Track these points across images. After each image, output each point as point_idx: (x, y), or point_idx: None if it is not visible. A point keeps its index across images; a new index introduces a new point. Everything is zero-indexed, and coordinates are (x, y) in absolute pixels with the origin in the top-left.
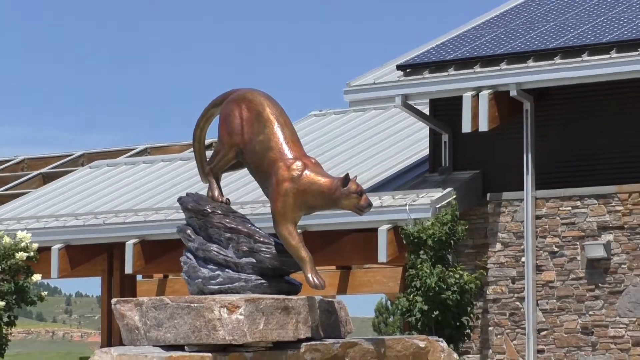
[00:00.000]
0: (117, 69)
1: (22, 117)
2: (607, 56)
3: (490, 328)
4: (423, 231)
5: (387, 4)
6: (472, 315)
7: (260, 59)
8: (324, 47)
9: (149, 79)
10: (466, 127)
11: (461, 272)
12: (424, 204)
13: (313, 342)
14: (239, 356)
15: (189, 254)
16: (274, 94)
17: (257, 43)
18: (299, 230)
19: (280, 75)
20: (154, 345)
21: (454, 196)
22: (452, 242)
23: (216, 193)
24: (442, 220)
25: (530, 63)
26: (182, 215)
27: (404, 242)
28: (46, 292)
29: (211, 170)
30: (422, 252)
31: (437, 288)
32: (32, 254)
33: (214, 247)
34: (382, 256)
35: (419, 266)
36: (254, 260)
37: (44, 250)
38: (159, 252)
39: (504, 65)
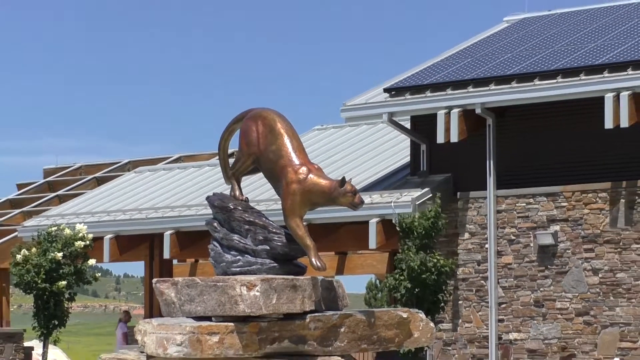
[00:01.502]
0: (158, 90)
1: (79, 131)
2: (554, 81)
3: (460, 302)
4: (409, 224)
5: (375, 36)
6: (445, 292)
7: (273, 82)
8: (324, 73)
9: (182, 99)
10: (440, 139)
11: (439, 257)
12: (406, 201)
13: (316, 314)
14: (256, 325)
15: (215, 243)
16: (283, 111)
17: (271, 68)
18: (304, 223)
19: (288, 95)
20: (187, 317)
21: (439, 194)
22: (433, 233)
23: (237, 193)
24: (427, 215)
25: (492, 87)
26: (209, 211)
27: (397, 229)
28: (99, 274)
29: (233, 175)
30: (408, 240)
31: (419, 270)
32: (88, 242)
33: (235, 236)
34: (372, 244)
35: (405, 253)
36: (268, 248)
37: (98, 240)
38: (191, 241)
39: (470, 89)
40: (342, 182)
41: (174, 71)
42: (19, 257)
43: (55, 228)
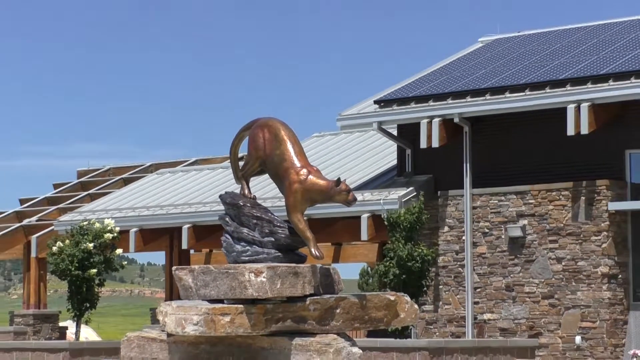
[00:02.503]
0: (177, 101)
1: (108, 137)
2: (523, 94)
3: (440, 287)
4: (396, 218)
5: (366, 53)
6: (428, 278)
7: (278, 93)
8: (322, 86)
9: (197, 108)
10: (423, 144)
11: (423, 248)
12: (393, 198)
13: (315, 297)
14: (263, 307)
15: (227, 235)
16: (286, 119)
17: (277, 81)
18: (305, 218)
19: (290, 106)
20: (202, 299)
21: (422, 193)
22: (417, 226)
23: (246, 191)
24: (412, 210)
25: (468, 99)
26: (222, 207)
27: (385, 224)
28: (126, 262)
29: (242, 176)
30: (396, 232)
31: (406, 259)
32: (115, 235)
33: (244, 230)
34: (364, 236)
35: (393, 243)
36: (273, 239)
37: (124, 232)
38: (206, 234)
39: (449, 101)
40: (338, 182)
41: (190, 84)
42: (55, 248)
43: (87, 222)
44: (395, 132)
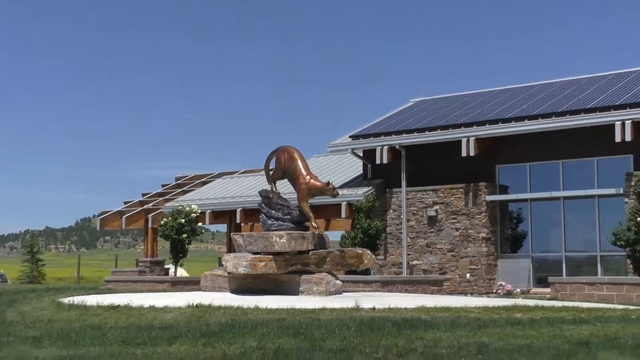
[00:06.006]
0: (233, 133)
1: (194, 156)
2: (436, 132)
3: (388, 245)
4: (361, 205)
5: (343, 103)
6: (380, 239)
7: (289, 129)
8: (319, 124)
9: (244, 139)
10: (378, 162)
11: (377, 222)
12: (360, 193)
13: (314, 251)
14: (284, 257)
15: (263, 215)
16: (296, 145)
17: (289, 118)
18: (308, 204)
19: (299, 137)
20: (248, 252)
21: (374, 189)
22: (372, 209)
23: (274, 189)
24: (369, 200)
25: (404, 135)
26: (260, 198)
27: (354, 209)
28: (204, 230)
29: (272, 180)
30: (360, 214)
31: (367, 228)
32: (197, 214)
33: (273, 211)
34: (343, 215)
35: (359, 220)
36: (290, 217)
37: (203, 213)
38: (250, 214)
39: (393, 136)
40: (328, 183)
41: (236, 122)
42: (162, 222)
43: (181, 207)
44: (362, 154)
